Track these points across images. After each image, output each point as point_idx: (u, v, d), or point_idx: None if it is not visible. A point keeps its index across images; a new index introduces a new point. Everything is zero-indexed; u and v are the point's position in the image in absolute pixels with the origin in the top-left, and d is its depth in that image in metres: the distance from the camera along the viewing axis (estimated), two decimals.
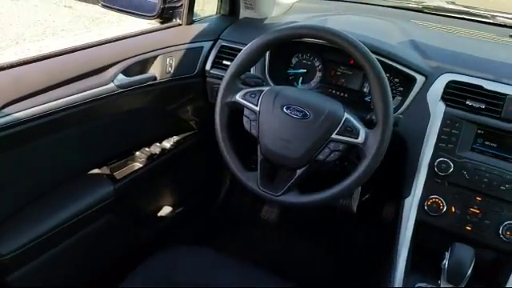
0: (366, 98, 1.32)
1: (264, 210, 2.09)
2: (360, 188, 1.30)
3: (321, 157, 1.02)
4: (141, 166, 1.46)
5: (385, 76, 0.99)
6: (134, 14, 1.34)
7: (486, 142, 1.10)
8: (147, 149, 1.50)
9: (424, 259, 1.17)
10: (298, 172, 1.04)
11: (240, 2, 1.53)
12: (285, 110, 1.04)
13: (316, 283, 1.79)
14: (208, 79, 1.42)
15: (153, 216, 1.65)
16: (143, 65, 1.27)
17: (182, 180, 1.75)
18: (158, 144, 1.53)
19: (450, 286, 0.95)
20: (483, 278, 1.15)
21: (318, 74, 1.39)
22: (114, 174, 1.38)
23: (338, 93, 1.36)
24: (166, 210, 1.69)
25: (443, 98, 1.13)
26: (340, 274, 1.84)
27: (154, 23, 1.38)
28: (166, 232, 1.69)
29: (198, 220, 1.91)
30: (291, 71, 1.41)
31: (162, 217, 1.67)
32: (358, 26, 1.40)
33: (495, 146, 1.09)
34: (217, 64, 1.40)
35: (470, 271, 0.94)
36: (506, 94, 1.08)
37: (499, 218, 1.06)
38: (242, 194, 2.09)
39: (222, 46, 1.41)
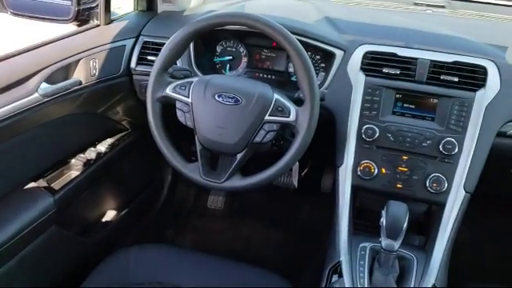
0: (293, 78, 1.37)
1: (210, 200, 2.12)
2: (298, 164, 1.36)
3: (258, 139, 1.06)
4: (78, 173, 1.43)
5: (306, 55, 1.03)
6: (48, 19, 1.30)
7: (405, 105, 1.19)
8: (82, 155, 1.46)
9: (365, 221, 1.26)
10: (238, 157, 1.08)
11: None
12: (216, 98, 1.06)
13: (268, 261, 1.85)
14: (135, 77, 1.41)
15: (98, 222, 1.62)
16: (66, 70, 1.24)
17: (123, 182, 1.73)
18: (92, 149, 1.50)
19: (389, 240, 1.01)
20: (419, 230, 1.26)
21: (244, 60, 1.42)
22: (52, 185, 1.34)
23: (265, 76, 1.41)
24: (111, 214, 1.67)
25: (362, 69, 1.20)
26: (291, 249, 1.92)
27: (71, 27, 1.34)
28: (115, 235, 1.67)
29: (145, 219, 1.90)
30: (217, 59, 1.43)
31: (108, 221, 1.65)
32: (276, 8, 1.44)
33: (413, 107, 1.18)
34: (142, 60, 1.40)
35: (405, 225, 1.01)
36: (417, 58, 1.17)
37: (425, 172, 1.15)
38: (185, 187, 2.10)
39: (145, 42, 1.40)
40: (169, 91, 1.10)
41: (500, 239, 1.87)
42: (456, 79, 1.14)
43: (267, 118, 1.05)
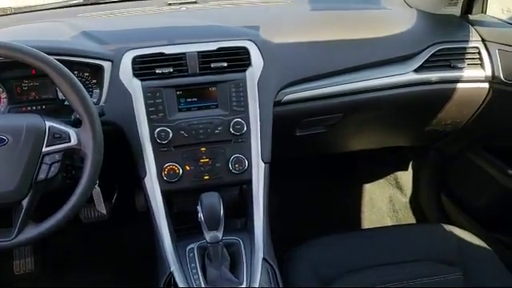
0: (66, 102, 1.26)
1: (16, 266, 1.83)
2: (99, 189, 1.26)
3: (42, 176, 0.94)
4: None
5: (68, 72, 0.96)
6: None
7: (188, 99, 1.20)
8: None
9: (188, 224, 1.23)
10: (25, 203, 0.94)
11: None
12: None
13: None
14: None
15: None
16: None
17: None
18: None
19: (212, 232, 1.02)
20: (238, 213, 1.29)
21: (3, 97, 1.24)
22: None
23: (34, 108, 1.26)
24: None
25: (135, 75, 1.17)
26: (126, 283, 1.79)
27: None
28: None
29: None
30: None
31: None
32: (25, 33, 1.31)
33: (196, 99, 1.20)
34: None
35: (222, 212, 1.02)
36: (185, 52, 1.19)
37: (225, 157, 1.19)
38: None
39: None
40: None
41: (308, 200, 2.08)
42: (225, 64, 1.20)
43: (45, 149, 0.94)
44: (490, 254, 1.26)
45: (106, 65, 1.18)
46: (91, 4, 1.58)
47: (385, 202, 2.11)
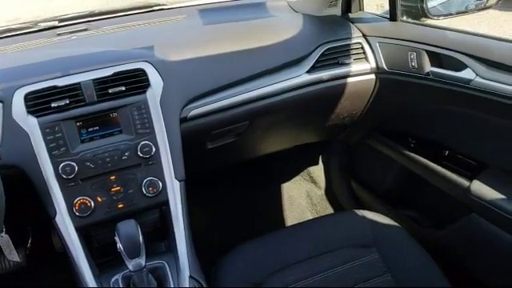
0: None
1: None
2: (7, 237, 1.19)
3: None
4: None
5: None
6: None
7: (90, 129, 1.17)
8: None
9: (111, 255, 1.20)
10: None
11: None
12: None
13: None
14: None
15: None
16: None
17: None
18: None
19: (134, 260, 1.00)
20: (162, 236, 1.28)
21: None
22: None
23: None
24: None
25: (30, 112, 1.12)
26: None
27: None
28: None
29: None
30: None
31: None
32: None
33: (98, 128, 1.17)
34: None
35: (141, 239, 1.01)
36: (79, 82, 1.16)
37: (137, 182, 1.17)
38: None
39: None
40: None
41: (229, 208, 2.11)
42: (123, 88, 1.19)
43: None
44: (400, 230, 1.36)
45: None
46: None
47: (303, 197, 2.20)
